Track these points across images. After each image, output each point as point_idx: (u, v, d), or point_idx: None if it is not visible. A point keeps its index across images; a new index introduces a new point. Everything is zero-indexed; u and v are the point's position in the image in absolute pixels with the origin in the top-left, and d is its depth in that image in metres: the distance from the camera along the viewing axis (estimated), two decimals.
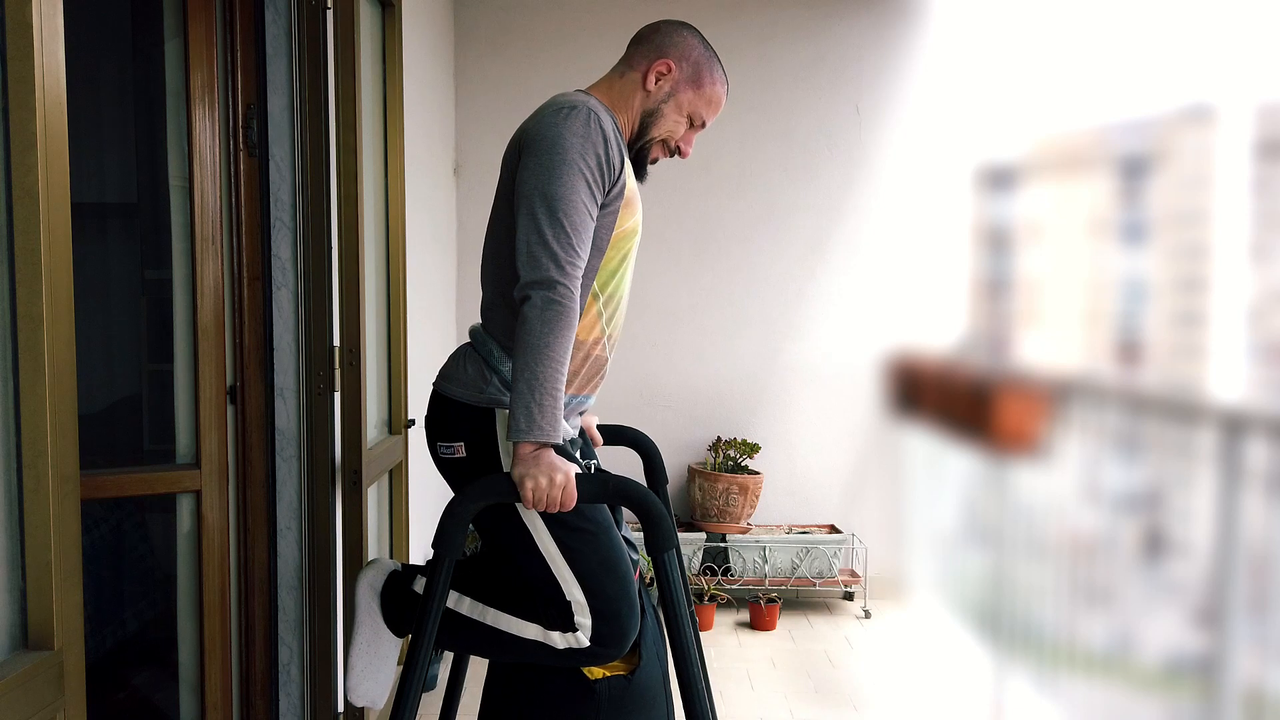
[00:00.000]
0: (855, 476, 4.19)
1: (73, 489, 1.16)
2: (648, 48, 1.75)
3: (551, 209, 1.53)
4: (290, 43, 2.10)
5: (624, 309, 1.76)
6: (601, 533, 1.64)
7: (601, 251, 1.65)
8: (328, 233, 2.14)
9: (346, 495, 2.24)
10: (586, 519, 1.63)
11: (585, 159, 1.55)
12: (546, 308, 1.50)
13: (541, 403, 1.49)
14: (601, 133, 1.58)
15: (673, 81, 1.73)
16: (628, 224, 1.67)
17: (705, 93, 1.74)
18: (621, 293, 1.73)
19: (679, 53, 1.73)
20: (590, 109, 1.60)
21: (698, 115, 1.76)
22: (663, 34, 1.75)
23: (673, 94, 1.73)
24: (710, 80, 1.75)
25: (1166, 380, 2.06)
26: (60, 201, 1.13)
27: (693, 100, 1.74)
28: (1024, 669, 2.62)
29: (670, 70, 1.72)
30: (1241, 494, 1.88)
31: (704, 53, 1.75)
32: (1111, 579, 2.31)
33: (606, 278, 1.68)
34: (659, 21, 1.79)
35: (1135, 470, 2.27)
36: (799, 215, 4.12)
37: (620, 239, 1.67)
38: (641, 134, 1.75)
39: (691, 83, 1.73)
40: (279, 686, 2.21)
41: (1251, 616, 1.88)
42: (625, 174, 1.65)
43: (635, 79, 1.73)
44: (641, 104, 1.73)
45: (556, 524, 1.61)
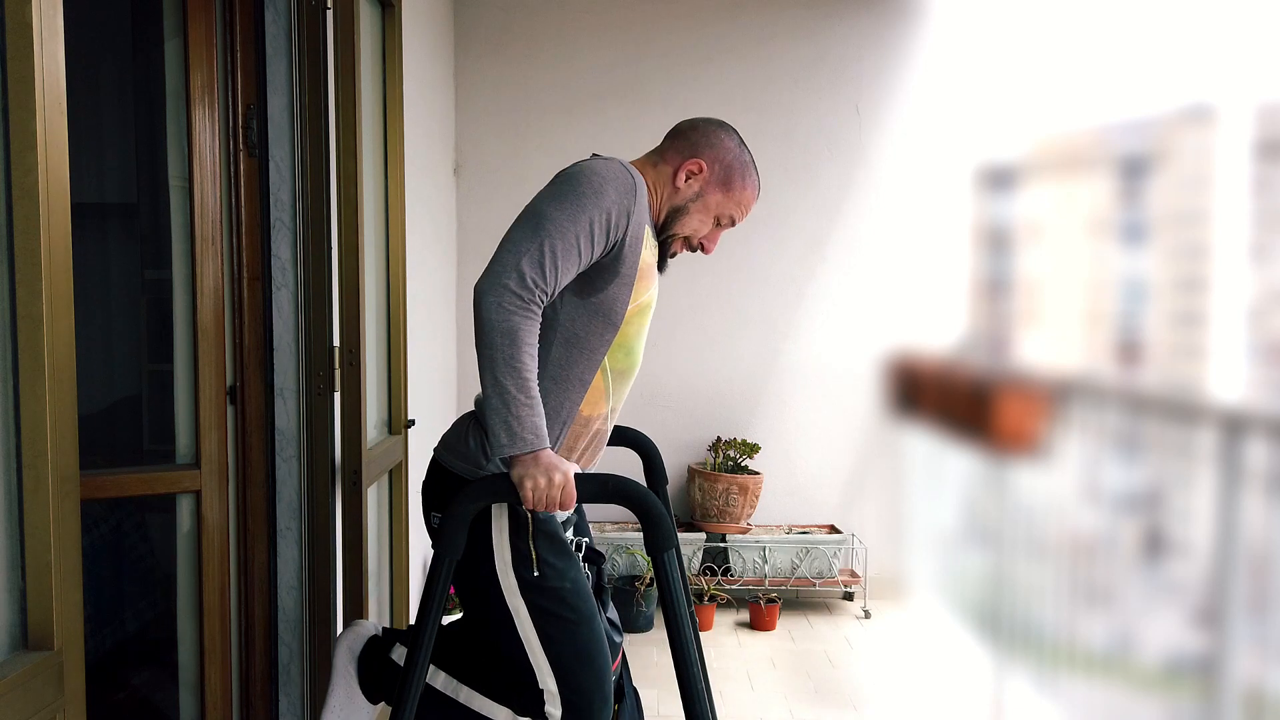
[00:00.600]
0: (855, 476, 4.19)
1: (73, 489, 1.16)
2: (683, 143, 1.72)
3: (541, 227, 1.51)
4: (290, 43, 2.10)
5: (632, 382, 1.75)
6: (583, 623, 1.62)
7: (616, 326, 1.63)
8: (328, 233, 2.14)
9: (346, 495, 2.24)
10: (569, 607, 1.61)
11: (601, 203, 1.53)
12: (504, 321, 1.47)
13: (519, 414, 1.47)
14: (634, 194, 1.57)
15: (702, 182, 1.70)
16: (643, 297, 1.65)
17: (734, 196, 1.73)
18: (633, 368, 1.71)
19: (713, 154, 1.70)
20: (630, 171, 1.60)
21: (725, 216, 1.74)
22: (699, 132, 1.72)
23: (701, 194, 1.71)
24: (741, 185, 1.72)
25: (1166, 380, 2.06)
26: (60, 201, 1.13)
27: (721, 202, 1.72)
28: (1024, 669, 2.62)
29: (701, 170, 1.70)
30: (1241, 494, 1.88)
31: (738, 156, 1.72)
32: (1111, 579, 2.31)
33: (621, 355, 1.67)
34: (699, 119, 1.76)
35: (1135, 470, 2.27)
36: (799, 215, 4.12)
37: (635, 313, 1.65)
38: (665, 227, 1.72)
39: (721, 185, 1.71)
40: (279, 686, 2.21)
41: (1251, 616, 1.88)
42: (645, 246, 1.63)
43: (667, 172, 1.71)
44: (669, 199, 1.71)
45: (538, 611, 1.60)
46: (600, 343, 1.62)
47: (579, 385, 1.63)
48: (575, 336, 1.61)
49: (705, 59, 4.08)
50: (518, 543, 1.60)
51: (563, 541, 1.65)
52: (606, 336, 1.62)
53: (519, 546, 1.59)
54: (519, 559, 1.59)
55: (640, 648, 3.55)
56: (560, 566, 1.62)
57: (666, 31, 4.08)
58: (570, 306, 1.60)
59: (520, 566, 1.59)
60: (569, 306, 1.60)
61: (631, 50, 4.09)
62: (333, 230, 2.17)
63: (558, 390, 1.62)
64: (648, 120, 4.09)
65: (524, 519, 1.60)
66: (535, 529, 1.60)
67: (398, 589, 2.81)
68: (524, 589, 1.59)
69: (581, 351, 1.62)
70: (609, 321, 1.62)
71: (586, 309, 1.60)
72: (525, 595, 1.59)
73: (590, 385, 1.64)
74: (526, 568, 1.58)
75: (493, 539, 1.60)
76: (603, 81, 4.10)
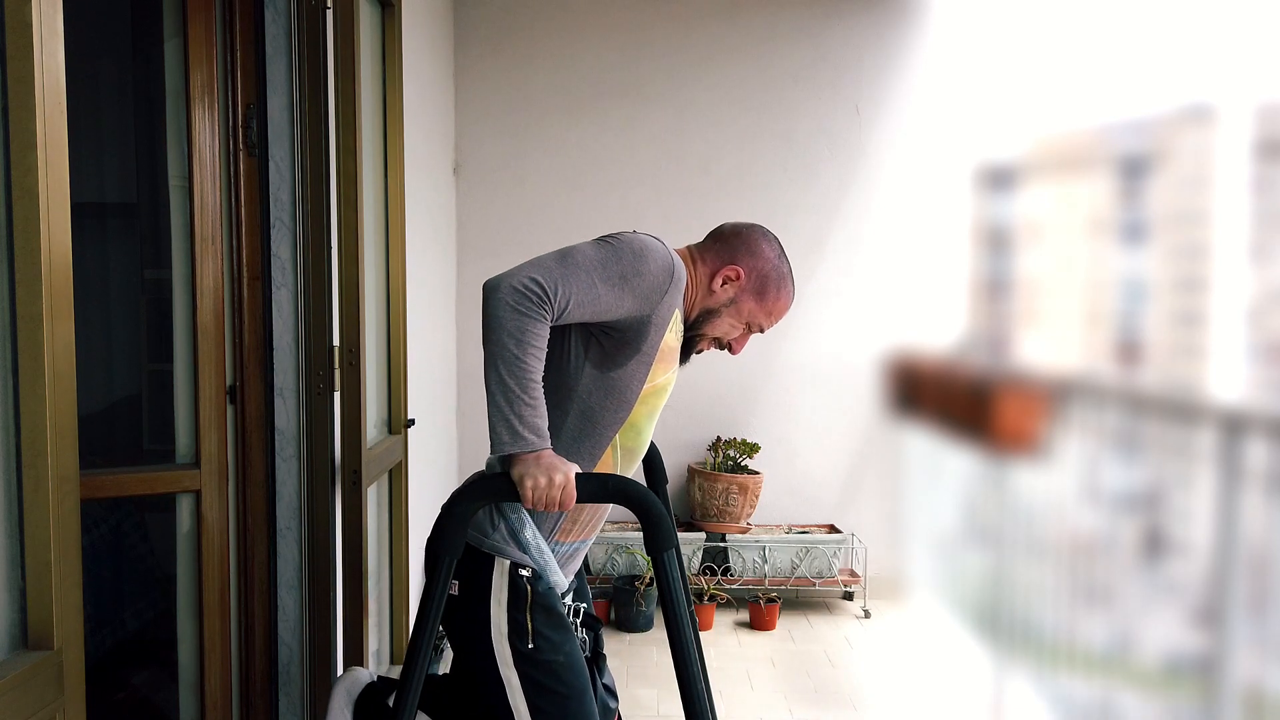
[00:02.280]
0: (855, 476, 4.19)
1: (72, 489, 1.16)
2: (724, 248, 1.72)
3: (569, 256, 1.51)
4: (290, 43, 2.10)
5: (639, 461, 1.75)
6: (573, 697, 1.61)
7: (629, 405, 1.63)
8: (327, 232, 2.14)
9: (346, 495, 2.24)
10: (561, 682, 1.60)
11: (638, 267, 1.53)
12: (511, 318, 1.45)
13: (520, 413, 1.46)
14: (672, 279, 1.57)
15: (738, 289, 1.70)
16: (659, 379, 1.66)
17: (767, 305, 1.72)
18: (641, 447, 1.72)
19: (752, 262, 1.70)
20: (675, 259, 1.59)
21: (756, 323, 1.74)
22: (741, 239, 1.72)
23: (735, 301, 1.71)
24: (775, 296, 1.72)
25: (1166, 380, 2.06)
26: (60, 201, 1.13)
27: (754, 310, 1.72)
28: (1024, 669, 2.62)
29: (739, 278, 1.69)
30: (1241, 494, 1.88)
31: (776, 267, 1.71)
32: (1111, 579, 2.31)
33: (631, 434, 1.67)
34: (742, 224, 1.76)
35: (1135, 470, 2.27)
36: (799, 215, 4.12)
37: (650, 394, 1.65)
38: (695, 325, 1.73)
39: (756, 294, 1.71)
40: (279, 686, 2.21)
41: (1251, 616, 1.88)
42: (671, 330, 1.63)
43: (705, 273, 1.71)
44: (704, 299, 1.71)
45: (530, 682, 1.59)
46: (613, 420, 1.63)
47: (589, 458, 1.64)
48: (590, 410, 1.62)
49: (705, 59, 4.08)
50: (515, 614, 1.59)
51: (560, 615, 1.64)
52: (620, 415, 1.63)
53: (516, 617, 1.59)
54: (514, 629, 1.58)
55: (640, 648, 3.55)
56: (555, 640, 1.61)
57: (666, 31, 4.08)
58: (589, 379, 1.60)
59: (515, 637, 1.58)
60: (588, 379, 1.60)
61: (631, 50, 4.09)
62: (332, 230, 2.17)
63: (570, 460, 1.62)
64: (648, 120, 4.10)
65: (523, 590, 1.59)
66: (533, 601, 1.59)
67: (397, 589, 2.81)
68: (517, 660, 1.58)
69: (595, 426, 1.62)
70: (623, 400, 1.62)
71: (604, 384, 1.60)
72: (518, 666, 1.58)
73: (600, 460, 1.65)
74: (522, 639, 1.58)
75: (490, 608, 1.60)
76: (603, 81, 4.10)
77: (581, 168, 4.11)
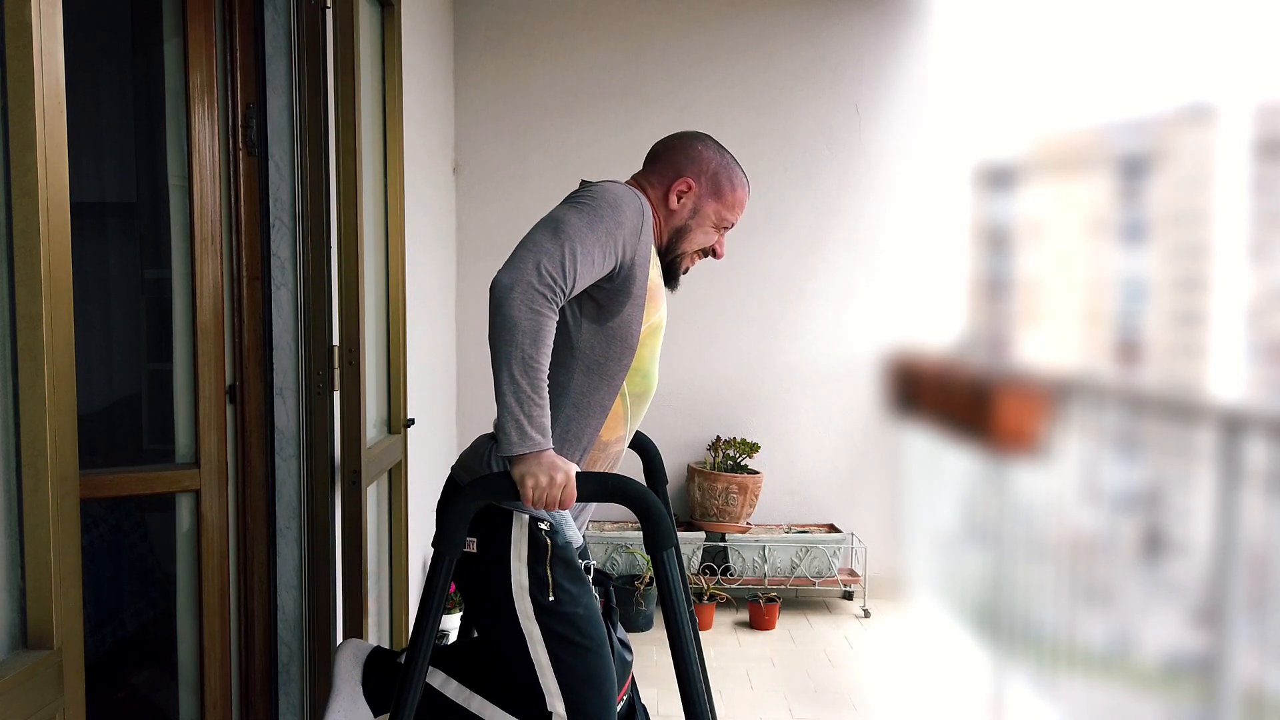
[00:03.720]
0: (854, 476, 4.19)
1: (72, 489, 1.16)
2: (664, 166, 1.74)
3: (561, 230, 1.52)
4: (290, 43, 2.10)
5: (649, 404, 1.76)
6: (593, 649, 1.64)
7: (632, 350, 1.64)
8: (327, 232, 2.13)
9: (346, 495, 2.24)
10: (581, 633, 1.63)
11: (618, 218, 1.56)
12: (528, 318, 1.47)
13: (530, 414, 1.48)
14: (643, 217, 1.60)
15: (695, 198, 1.72)
16: (653, 318, 1.68)
17: (727, 201, 1.74)
18: (650, 390, 1.73)
19: (696, 169, 1.72)
20: (639, 196, 1.63)
21: (723, 222, 1.76)
22: (675, 150, 1.74)
23: (697, 209, 1.73)
24: (731, 188, 1.74)
25: (1166, 380, 2.06)
26: (60, 201, 1.13)
27: (717, 210, 1.74)
28: (1024, 669, 2.62)
29: (691, 188, 1.72)
30: (1241, 494, 1.88)
31: (720, 161, 1.74)
32: (1111, 579, 2.31)
33: (638, 378, 1.69)
34: (671, 137, 1.78)
35: (1135, 470, 2.27)
36: (799, 214, 4.12)
37: (648, 334, 1.67)
38: (671, 249, 1.75)
39: (713, 195, 1.73)
40: (279, 686, 2.21)
41: (1251, 616, 1.88)
42: (652, 268, 1.65)
43: (658, 197, 1.73)
44: (668, 221, 1.73)
45: (551, 635, 1.61)
46: (619, 368, 1.65)
47: (600, 411, 1.65)
48: (596, 363, 1.63)
49: (705, 59, 4.08)
50: (535, 567, 1.61)
51: (578, 568, 1.66)
52: (625, 361, 1.65)
53: (536, 571, 1.61)
54: (535, 583, 1.61)
55: (640, 647, 3.55)
56: (575, 593, 1.63)
57: (666, 31, 4.08)
58: (589, 334, 1.63)
59: (537, 591, 1.60)
60: (588, 335, 1.62)
61: (631, 50, 4.09)
62: (332, 229, 2.17)
63: (580, 417, 1.65)
64: (648, 120, 4.09)
65: (543, 544, 1.61)
66: (553, 555, 1.62)
67: (397, 588, 2.81)
68: (538, 613, 1.61)
69: (602, 378, 1.64)
70: (626, 345, 1.64)
71: (605, 335, 1.63)
72: (539, 619, 1.61)
73: (610, 411, 1.67)
74: (543, 592, 1.60)
75: (510, 563, 1.61)
76: (603, 81, 4.10)
77: (581, 168, 4.11)
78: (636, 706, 1.88)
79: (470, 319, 4.07)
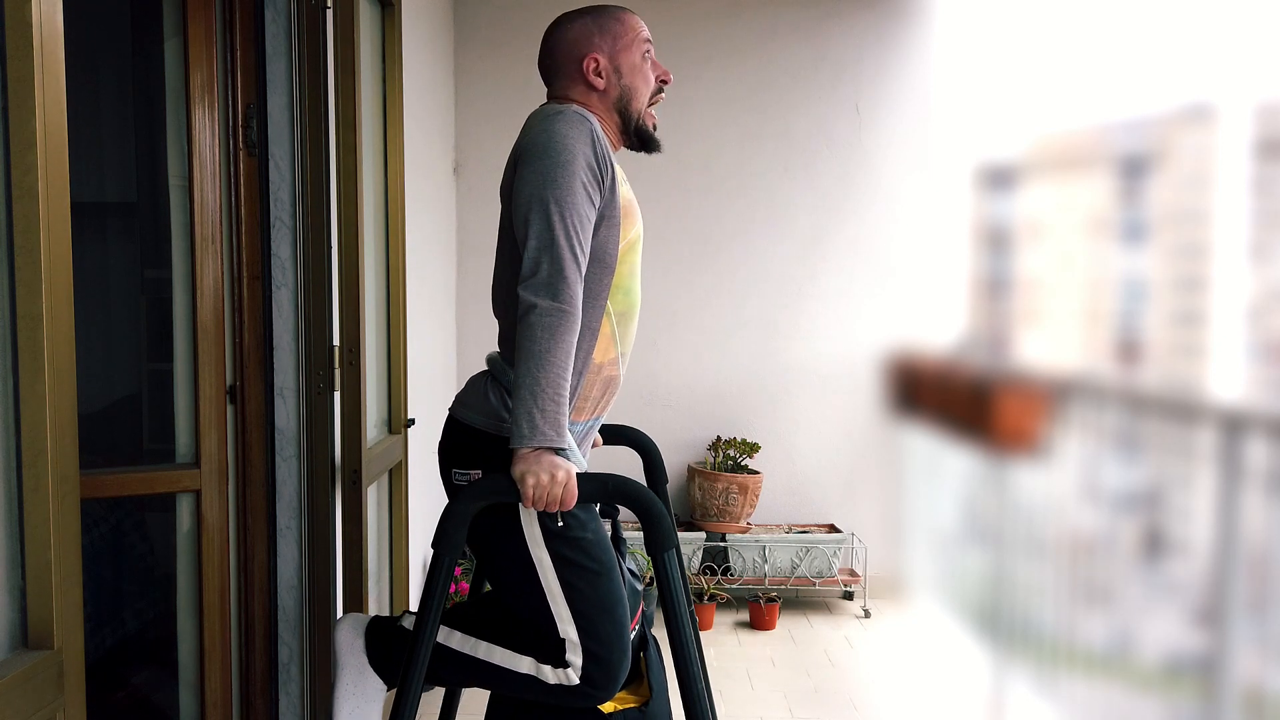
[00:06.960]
0: (855, 476, 4.19)
1: (72, 489, 1.16)
2: (564, 62, 1.74)
3: (551, 212, 1.53)
4: (290, 42, 2.10)
5: (636, 322, 1.76)
6: (604, 573, 1.64)
7: (611, 269, 1.64)
8: (327, 232, 2.14)
9: (346, 495, 2.24)
10: (592, 558, 1.63)
11: (579, 160, 1.56)
12: (550, 315, 1.50)
13: (544, 408, 1.48)
14: (591, 134, 1.60)
15: (606, 63, 1.72)
16: (630, 234, 1.67)
17: (629, 40, 1.73)
18: (634, 307, 1.73)
19: (584, 43, 1.72)
20: (577, 112, 1.62)
21: (642, 50, 1.75)
22: (557, 49, 1.75)
23: (617, 69, 1.72)
24: (622, 30, 1.73)
25: (1166, 380, 2.06)
26: (60, 201, 1.13)
27: (631, 55, 1.73)
28: (1024, 669, 2.62)
29: (597, 60, 1.71)
30: (1241, 494, 1.88)
31: (594, 20, 1.73)
32: (1111, 579, 2.31)
33: (620, 295, 1.68)
34: (542, 45, 1.78)
35: (1135, 470, 2.27)
36: (799, 214, 4.12)
37: (626, 251, 1.67)
38: (629, 117, 1.74)
39: (615, 45, 1.72)
40: (279, 686, 2.21)
41: (1251, 616, 1.88)
42: (618, 180, 1.65)
43: (583, 91, 1.73)
44: (603, 101, 1.73)
45: (561, 560, 1.61)
46: (600, 288, 1.64)
47: (589, 334, 1.65)
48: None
49: (705, 59, 4.08)
50: None
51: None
52: (605, 281, 1.65)
53: None
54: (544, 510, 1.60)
55: None
56: (583, 518, 1.64)
57: (666, 31, 4.07)
58: None
59: (546, 516, 1.60)
60: None
61: None
62: (333, 229, 2.17)
63: None
64: None
65: None
66: None
67: (397, 588, 2.81)
68: (548, 539, 1.61)
69: (587, 299, 1.64)
70: (605, 265, 1.64)
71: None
72: (549, 545, 1.61)
73: (599, 333, 1.66)
74: (551, 518, 1.60)
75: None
76: None
77: None
78: (648, 638, 1.88)
79: (470, 319, 4.07)
